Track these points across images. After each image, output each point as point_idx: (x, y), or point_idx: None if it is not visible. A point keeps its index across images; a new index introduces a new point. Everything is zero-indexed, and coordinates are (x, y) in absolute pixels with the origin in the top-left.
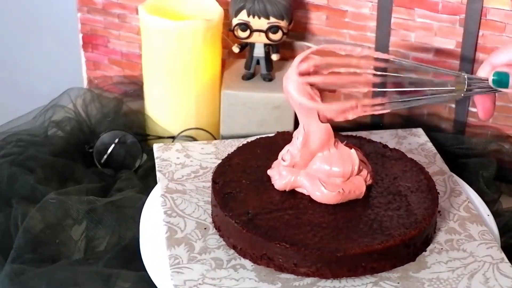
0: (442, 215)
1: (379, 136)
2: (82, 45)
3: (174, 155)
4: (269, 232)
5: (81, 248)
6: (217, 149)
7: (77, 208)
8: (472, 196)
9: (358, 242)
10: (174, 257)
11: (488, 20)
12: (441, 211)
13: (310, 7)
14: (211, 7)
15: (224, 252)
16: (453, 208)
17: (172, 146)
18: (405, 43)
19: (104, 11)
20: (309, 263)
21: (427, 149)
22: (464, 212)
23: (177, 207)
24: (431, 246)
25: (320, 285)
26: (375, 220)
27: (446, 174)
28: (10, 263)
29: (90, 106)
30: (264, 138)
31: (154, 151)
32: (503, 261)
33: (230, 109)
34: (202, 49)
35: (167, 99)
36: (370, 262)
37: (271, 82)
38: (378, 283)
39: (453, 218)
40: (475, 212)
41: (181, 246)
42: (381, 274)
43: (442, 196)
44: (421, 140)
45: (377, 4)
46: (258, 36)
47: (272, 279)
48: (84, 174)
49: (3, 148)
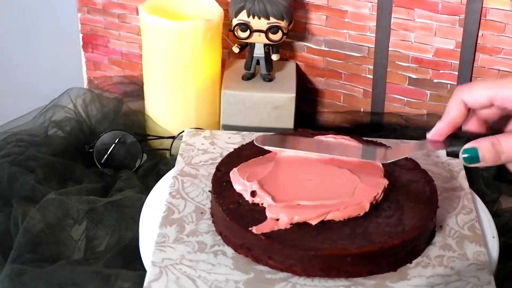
0: (443, 230)
1: None
2: (82, 45)
3: (199, 141)
4: (250, 223)
5: (81, 248)
6: (243, 140)
7: (77, 208)
8: (484, 216)
9: (336, 244)
10: (163, 235)
11: (488, 20)
12: (442, 226)
13: (310, 7)
14: (211, 7)
15: (211, 238)
16: (457, 225)
17: (202, 132)
18: (405, 43)
19: (104, 11)
20: (282, 258)
21: (454, 164)
22: (468, 231)
23: (183, 189)
24: (419, 259)
25: (291, 281)
26: (362, 225)
27: (464, 191)
28: (10, 263)
29: (90, 106)
30: (285, 133)
31: (183, 135)
32: (489, 284)
33: (230, 109)
34: (202, 49)
35: (167, 99)
36: (344, 265)
37: (271, 82)
38: (350, 287)
39: (454, 235)
40: (479, 232)
41: (173, 227)
42: (356, 279)
43: (450, 212)
44: None
45: (377, 4)
46: (258, 36)
47: (246, 269)
48: (84, 174)
49: (3, 148)
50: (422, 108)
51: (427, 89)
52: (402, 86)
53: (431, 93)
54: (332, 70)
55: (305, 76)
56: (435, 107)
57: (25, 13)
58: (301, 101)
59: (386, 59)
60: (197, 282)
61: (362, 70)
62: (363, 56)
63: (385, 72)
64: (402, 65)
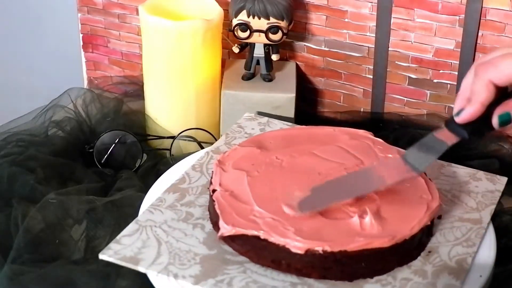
0: (429, 256)
1: (452, 171)
2: (82, 45)
3: (251, 126)
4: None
5: (81, 248)
6: None
7: (77, 208)
8: (484, 253)
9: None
10: (160, 199)
11: (488, 20)
12: (431, 252)
13: (310, 7)
14: (211, 7)
15: (202, 212)
16: (447, 256)
17: (259, 118)
18: (404, 43)
19: (104, 11)
20: (241, 242)
21: (489, 197)
22: (454, 263)
23: (207, 165)
24: (382, 277)
25: (246, 266)
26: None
27: (479, 224)
28: (9, 264)
29: (90, 106)
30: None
31: (242, 118)
32: None
33: (230, 109)
34: (202, 49)
35: (167, 99)
36: (293, 262)
37: (271, 82)
38: (297, 285)
39: (437, 263)
40: (467, 267)
41: (175, 194)
42: (307, 279)
43: (450, 241)
44: (491, 187)
45: (377, 4)
46: (258, 37)
47: (212, 246)
48: (84, 174)
49: (3, 148)
50: (422, 108)
51: (427, 89)
52: (402, 86)
53: (431, 93)
54: (332, 70)
55: (305, 76)
56: (435, 107)
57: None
58: (301, 101)
59: (386, 59)
60: (161, 246)
61: (362, 70)
62: (363, 56)
63: (385, 72)
64: (402, 65)
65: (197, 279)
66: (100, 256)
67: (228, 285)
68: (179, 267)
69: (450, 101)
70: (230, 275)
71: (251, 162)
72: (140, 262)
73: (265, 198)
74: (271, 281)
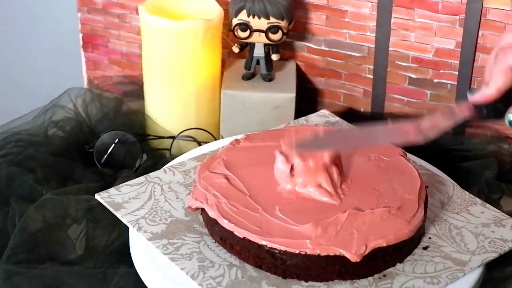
0: (381, 279)
1: (480, 210)
2: (82, 45)
3: (316, 121)
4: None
5: (79, 247)
6: None
7: (75, 207)
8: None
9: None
10: (181, 163)
11: (488, 20)
12: (386, 275)
13: (310, 7)
14: (211, 7)
15: None
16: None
17: (332, 117)
18: (405, 43)
19: (104, 11)
20: (204, 215)
21: (496, 245)
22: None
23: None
24: (315, 283)
25: (204, 238)
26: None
27: (461, 267)
28: (3, 263)
29: (90, 106)
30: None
31: (315, 113)
32: None
33: (230, 109)
34: (202, 49)
35: (167, 99)
36: (234, 243)
37: (271, 82)
38: (233, 267)
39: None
40: None
41: (198, 162)
42: (246, 264)
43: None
44: (509, 236)
45: (377, 4)
46: (258, 36)
47: (199, 237)
48: (84, 174)
49: (3, 148)
50: (422, 108)
51: (427, 89)
52: (402, 86)
53: (431, 93)
54: (332, 70)
55: (305, 76)
56: (435, 107)
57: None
58: (301, 101)
59: (386, 59)
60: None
61: (362, 70)
62: (363, 56)
63: (385, 72)
64: (402, 65)
65: (153, 237)
66: (96, 196)
67: (176, 249)
68: (148, 223)
69: (451, 101)
70: (184, 241)
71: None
72: (120, 209)
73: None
74: (214, 257)
